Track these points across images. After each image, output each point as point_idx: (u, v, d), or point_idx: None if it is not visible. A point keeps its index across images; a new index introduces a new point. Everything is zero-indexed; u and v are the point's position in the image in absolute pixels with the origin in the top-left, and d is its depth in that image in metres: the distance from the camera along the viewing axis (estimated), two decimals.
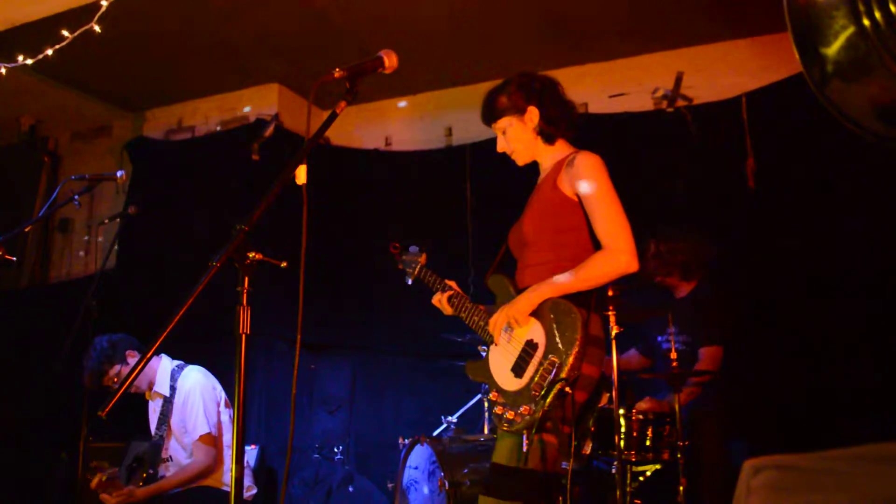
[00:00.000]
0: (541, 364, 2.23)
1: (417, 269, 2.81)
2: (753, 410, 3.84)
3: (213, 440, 3.53)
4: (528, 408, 2.20)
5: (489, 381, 2.41)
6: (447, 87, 5.53)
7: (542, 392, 2.17)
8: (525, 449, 2.18)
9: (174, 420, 3.60)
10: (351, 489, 4.56)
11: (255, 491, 3.77)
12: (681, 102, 4.62)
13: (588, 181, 2.39)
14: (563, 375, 2.15)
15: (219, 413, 3.62)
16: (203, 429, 3.51)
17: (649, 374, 3.85)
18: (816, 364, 3.91)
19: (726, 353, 3.66)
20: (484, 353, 2.66)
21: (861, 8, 1.65)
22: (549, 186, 2.48)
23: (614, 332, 3.27)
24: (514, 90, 2.54)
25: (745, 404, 3.76)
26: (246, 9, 4.56)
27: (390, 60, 2.12)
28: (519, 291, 2.46)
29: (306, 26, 4.73)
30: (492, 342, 2.44)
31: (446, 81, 5.46)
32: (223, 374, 3.80)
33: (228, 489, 3.52)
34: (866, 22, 1.65)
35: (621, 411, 3.27)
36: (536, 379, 2.21)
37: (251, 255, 1.71)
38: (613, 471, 3.27)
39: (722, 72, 4.71)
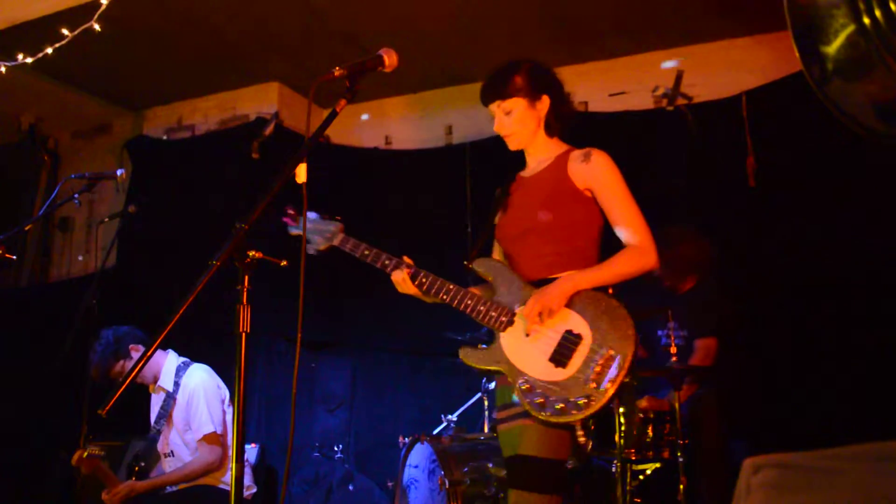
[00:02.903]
0: (596, 355, 2.21)
1: (339, 239, 2.59)
2: (753, 409, 3.84)
3: (217, 438, 3.53)
4: (587, 399, 2.17)
5: (507, 370, 2.31)
6: (447, 86, 5.53)
7: (602, 384, 2.17)
8: (583, 440, 2.22)
9: (176, 416, 3.60)
10: (351, 488, 4.57)
11: (254, 490, 3.77)
12: (681, 101, 4.61)
13: (610, 178, 2.42)
14: (626, 368, 2.17)
15: (224, 411, 3.63)
16: (208, 427, 3.51)
17: (649, 371, 3.85)
18: (816, 362, 3.91)
19: (725, 350, 3.66)
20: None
21: (861, 6, 1.66)
22: (556, 178, 2.45)
23: None
24: (531, 74, 2.50)
25: (745, 403, 3.76)
26: (246, 7, 4.55)
27: (390, 59, 2.12)
28: (530, 281, 2.41)
29: (306, 25, 4.73)
30: (500, 329, 2.35)
31: (446, 80, 5.46)
32: (225, 372, 3.81)
33: (228, 488, 3.52)
34: (866, 20, 1.65)
35: (621, 409, 3.27)
36: (596, 370, 2.19)
37: (251, 253, 1.71)
38: (613, 469, 3.27)
39: (722, 70, 4.71)
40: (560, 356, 2.25)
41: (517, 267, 2.46)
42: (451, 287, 2.43)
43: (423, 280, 2.46)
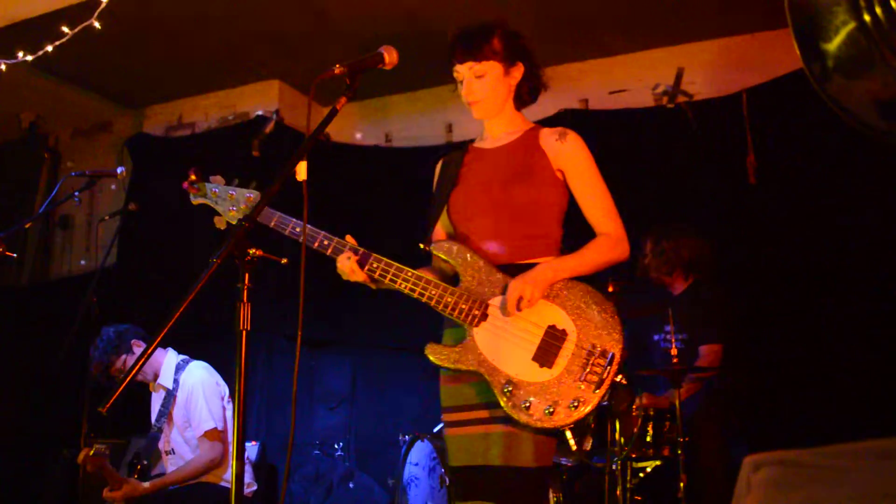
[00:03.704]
0: (584, 352, 2.05)
1: (254, 210, 1.86)
2: (753, 407, 3.84)
3: (218, 434, 3.53)
4: (577, 401, 2.00)
5: (486, 371, 2.07)
6: (447, 84, 5.50)
7: (598, 384, 2.02)
8: (575, 447, 2.11)
9: (176, 414, 3.60)
10: (351, 485, 4.57)
11: (255, 487, 3.77)
12: (681, 98, 4.61)
13: (586, 161, 2.26)
14: (617, 365, 2.04)
15: (224, 407, 3.63)
16: (208, 424, 3.51)
17: (651, 371, 3.85)
18: (816, 361, 3.91)
19: (726, 350, 3.66)
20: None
21: (862, 4, 1.65)
22: (528, 153, 2.25)
23: None
24: (508, 39, 2.30)
25: (745, 401, 3.76)
26: (246, 5, 4.55)
27: (390, 56, 2.11)
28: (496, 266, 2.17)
29: (306, 23, 4.72)
30: (473, 324, 2.11)
31: (446, 78, 5.41)
32: (222, 371, 3.81)
33: (228, 485, 3.52)
34: (867, 17, 1.65)
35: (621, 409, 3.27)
36: (586, 369, 2.03)
37: (251, 251, 1.71)
38: (614, 468, 3.27)
39: (722, 68, 4.70)
40: (545, 355, 2.06)
41: (476, 248, 2.21)
42: (411, 274, 2.14)
43: (375, 265, 2.15)
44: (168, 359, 3.70)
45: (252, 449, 4.09)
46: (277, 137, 5.16)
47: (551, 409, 2.00)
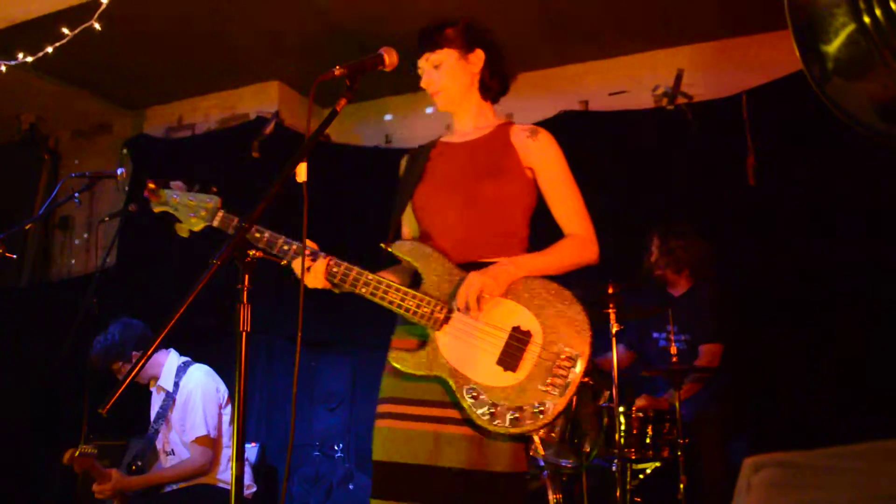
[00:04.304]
0: (550, 355, 1.98)
1: (219, 219, 2.12)
2: (754, 408, 3.84)
3: (210, 441, 3.53)
4: (542, 405, 1.94)
5: (450, 376, 1.99)
6: None
7: (564, 388, 1.95)
8: (542, 453, 2.04)
9: (174, 417, 3.61)
10: (351, 487, 4.57)
11: (254, 489, 3.77)
12: (681, 100, 4.61)
13: (558, 159, 2.21)
14: (583, 368, 1.97)
15: (220, 414, 3.62)
16: (200, 430, 3.51)
17: (651, 371, 3.85)
18: (816, 361, 3.91)
19: (726, 350, 3.66)
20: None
21: (862, 5, 1.66)
22: (499, 148, 2.20)
23: (615, 329, 3.30)
24: (465, 28, 2.28)
25: (746, 402, 3.76)
26: (246, 6, 4.55)
27: (390, 58, 2.12)
28: (460, 264, 2.10)
29: (306, 24, 4.73)
30: (436, 328, 2.03)
31: None
32: (224, 372, 3.81)
33: (227, 487, 3.52)
34: (867, 19, 1.65)
35: (621, 409, 3.27)
36: (552, 373, 1.96)
37: (251, 252, 1.71)
38: (614, 468, 3.27)
39: (722, 69, 4.70)
40: (509, 358, 1.99)
41: (439, 246, 2.14)
42: (371, 278, 2.06)
43: (335, 269, 2.07)
44: (169, 360, 3.70)
45: (252, 450, 4.10)
46: (277, 139, 5.16)
47: (516, 415, 1.94)
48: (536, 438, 2.04)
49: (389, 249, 2.14)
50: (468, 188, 2.16)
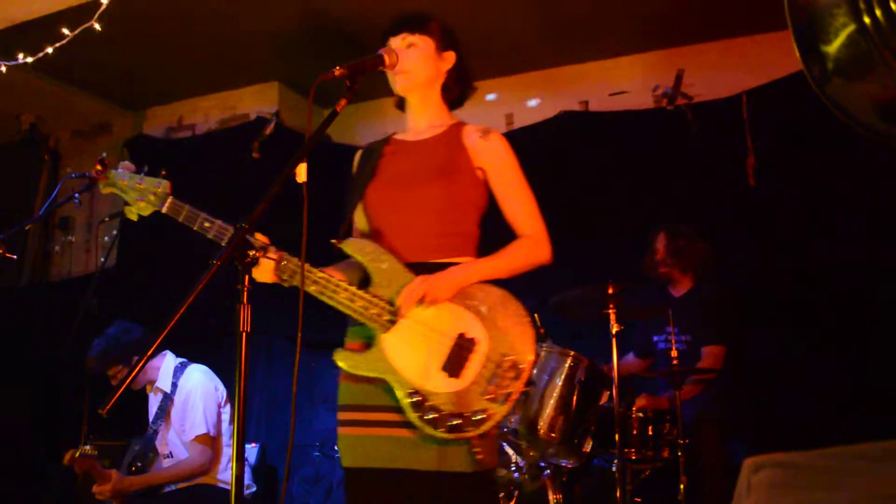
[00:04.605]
0: (491, 363, 1.98)
1: (168, 205, 2.11)
2: (754, 408, 3.84)
3: (210, 440, 3.54)
4: (484, 413, 1.93)
5: (394, 379, 1.98)
6: None
7: (505, 396, 1.95)
8: (480, 457, 1.93)
9: (173, 417, 3.61)
10: None
11: (254, 489, 3.77)
12: (681, 100, 4.61)
13: (509, 160, 2.18)
14: (526, 377, 1.97)
15: (219, 413, 3.62)
16: (200, 429, 3.51)
17: (651, 372, 3.86)
18: (816, 362, 3.91)
19: (727, 351, 3.66)
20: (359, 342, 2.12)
21: (862, 6, 1.65)
22: (451, 148, 2.18)
23: (615, 330, 3.29)
24: (443, 28, 2.27)
25: (746, 402, 3.76)
26: (246, 7, 4.55)
27: (390, 58, 2.12)
28: (409, 264, 2.07)
29: (306, 24, 4.73)
30: (382, 330, 2.01)
31: None
32: (221, 373, 3.80)
33: (227, 487, 3.52)
34: (867, 19, 1.65)
35: (621, 409, 3.27)
36: (493, 381, 1.96)
37: (251, 252, 1.71)
38: (614, 469, 3.27)
39: (722, 70, 4.71)
40: (453, 364, 1.98)
41: (390, 245, 2.11)
42: (321, 276, 2.03)
43: (286, 265, 2.02)
44: (166, 362, 3.69)
45: (252, 450, 4.10)
46: (277, 139, 5.16)
47: (456, 422, 1.93)
48: (475, 446, 1.97)
49: (340, 246, 2.10)
50: (417, 188, 2.13)
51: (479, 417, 1.93)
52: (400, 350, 2.00)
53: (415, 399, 1.95)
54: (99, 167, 2.11)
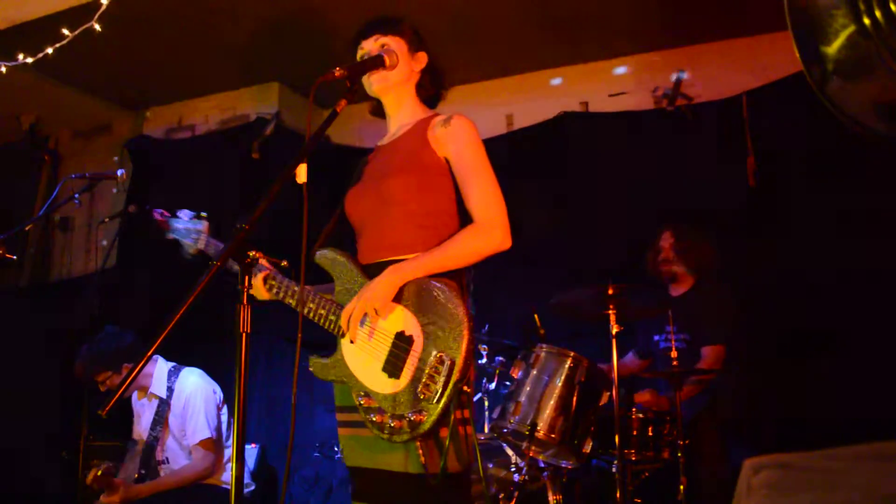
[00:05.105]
0: (424, 361, 1.91)
1: (204, 241, 2.39)
2: (754, 409, 3.84)
3: (213, 444, 3.52)
4: (419, 415, 1.88)
5: (351, 382, 2.03)
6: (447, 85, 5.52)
7: (437, 395, 1.86)
8: (423, 459, 1.89)
9: (172, 422, 3.58)
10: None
11: (252, 487, 3.77)
12: (681, 101, 4.61)
13: (468, 145, 2.12)
14: (458, 375, 1.86)
15: (219, 415, 3.61)
16: (204, 433, 3.49)
17: (651, 373, 3.85)
18: (817, 363, 3.91)
19: (728, 351, 3.66)
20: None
21: (861, 7, 1.66)
22: (414, 143, 2.16)
23: (615, 330, 3.29)
24: (414, 30, 2.30)
25: (746, 403, 3.76)
26: (246, 7, 4.56)
27: (390, 59, 2.12)
28: (369, 268, 2.09)
29: (307, 25, 4.73)
30: (340, 335, 2.06)
31: (446, 79, 5.45)
32: (221, 374, 3.80)
33: (227, 486, 3.52)
34: (866, 20, 1.65)
35: (621, 410, 3.27)
36: (424, 380, 1.89)
37: (251, 253, 1.71)
38: (614, 469, 3.27)
39: (722, 70, 4.71)
40: (392, 365, 1.96)
41: (365, 248, 2.15)
42: (296, 288, 2.11)
43: (273, 283, 2.15)
44: (158, 367, 3.66)
45: (251, 451, 4.09)
46: (277, 140, 5.16)
47: (396, 423, 1.91)
48: (419, 448, 1.94)
49: (315, 260, 2.17)
50: (382, 186, 2.13)
51: (415, 419, 1.88)
52: (354, 353, 2.05)
53: (363, 401, 1.99)
54: (162, 217, 2.54)
